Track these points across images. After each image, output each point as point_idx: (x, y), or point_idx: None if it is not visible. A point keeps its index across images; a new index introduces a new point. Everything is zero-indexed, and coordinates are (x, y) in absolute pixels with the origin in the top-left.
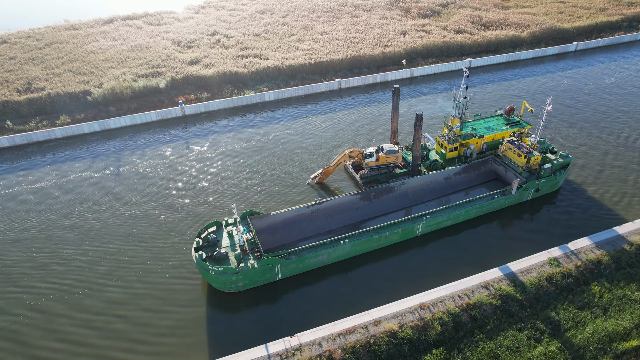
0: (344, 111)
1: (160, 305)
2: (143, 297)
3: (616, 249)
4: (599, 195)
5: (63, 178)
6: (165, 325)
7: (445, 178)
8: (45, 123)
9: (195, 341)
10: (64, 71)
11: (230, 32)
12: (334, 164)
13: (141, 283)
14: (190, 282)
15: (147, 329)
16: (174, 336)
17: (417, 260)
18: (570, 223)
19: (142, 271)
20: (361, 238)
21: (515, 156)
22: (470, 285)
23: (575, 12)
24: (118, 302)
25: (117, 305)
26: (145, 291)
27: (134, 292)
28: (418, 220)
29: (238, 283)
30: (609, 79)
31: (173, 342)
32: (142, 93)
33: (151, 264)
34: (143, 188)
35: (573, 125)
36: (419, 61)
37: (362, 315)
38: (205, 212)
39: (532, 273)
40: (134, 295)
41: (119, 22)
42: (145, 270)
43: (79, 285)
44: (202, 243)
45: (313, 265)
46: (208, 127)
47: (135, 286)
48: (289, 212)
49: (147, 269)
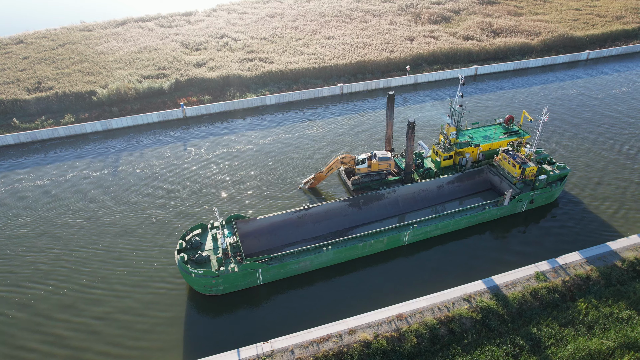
0: (344, 116)
1: (141, 307)
2: (124, 298)
3: (607, 265)
4: (597, 209)
5: (62, 177)
6: (143, 327)
7: (437, 187)
8: (50, 122)
9: (170, 344)
10: (74, 71)
11: (239, 36)
12: (326, 170)
13: (123, 285)
14: (173, 284)
15: (124, 331)
16: (149, 338)
17: (401, 270)
18: (563, 237)
19: (126, 272)
20: (345, 245)
21: (510, 166)
22: (451, 297)
23: (590, 19)
24: (98, 303)
25: (97, 306)
26: (126, 293)
27: (116, 293)
28: (405, 229)
29: (218, 286)
30: (620, 88)
31: (147, 345)
32: (146, 94)
33: (137, 265)
34: (137, 188)
35: (576, 135)
36: (424, 67)
37: (338, 324)
38: (195, 214)
39: (517, 287)
40: (115, 298)
41: (131, 24)
42: (130, 271)
43: (62, 286)
44: (186, 245)
45: (295, 271)
46: (208, 129)
47: (117, 288)
48: (276, 217)
49: (132, 270)
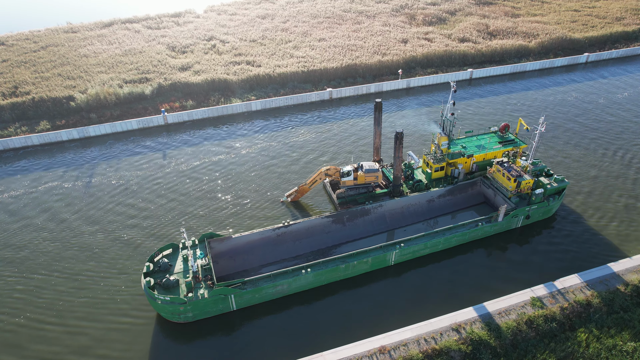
0: (332, 123)
1: (96, 345)
2: (78, 335)
3: (609, 289)
4: (597, 225)
5: (32, 189)
6: (107, 354)
7: (428, 201)
8: (24, 129)
9: None
10: (53, 75)
11: (227, 38)
12: (310, 182)
13: (81, 319)
14: (138, 317)
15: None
16: None
17: (386, 293)
18: (560, 256)
19: (87, 303)
20: (326, 267)
21: (505, 179)
22: (439, 327)
23: (589, 21)
24: (49, 341)
25: (47, 345)
26: (82, 329)
27: (70, 329)
28: (391, 249)
29: (187, 313)
30: (622, 93)
31: None
32: (127, 100)
33: (100, 295)
34: (109, 205)
35: (576, 144)
36: (417, 71)
37: (314, 358)
38: (169, 235)
39: (511, 315)
40: (68, 335)
41: (118, 26)
42: (92, 302)
43: (11, 321)
44: (154, 268)
45: (271, 295)
46: (189, 137)
47: (72, 323)
48: (253, 235)
49: (94, 301)
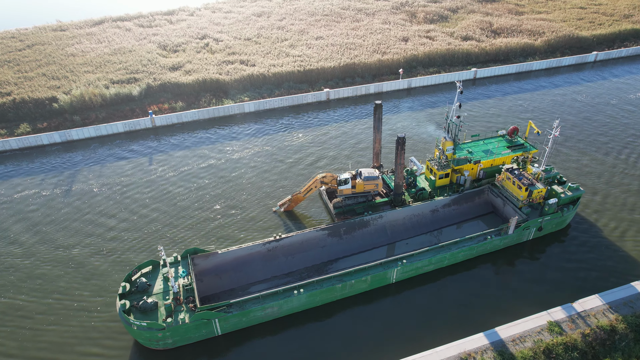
0: (329, 125)
1: None
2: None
3: (636, 312)
4: (617, 237)
5: (6, 197)
6: None
7: (431, 211)
8: (3, 132)
9: None
10: (37, 75)
11: (221, 36)
12: (304, 191)
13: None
14: (114, 338)
15: None
16: None
17: (386, 316)
18: (576, 272)
19: (54, 333)
20: (320, 287)
21: (515, 188)
22: (445, 357)
23: (596, 18)
24: None
25: None
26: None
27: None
28: (392, 266)
29: (166, 340)
30: (635, 93)
31: None
32: (114, 101)
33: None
34: (89, 215)
35: (589, 148)
36: (419, 70)
37: None
38: (151, 246)
39: (527, 342)
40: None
41: (109, 24)
42: (59, 331)
43: None
44: (130, 288)
45: (260, 319)
46: (178, 141)
47: (34, 355)
48: (241, 250)
49: (62, 329)
